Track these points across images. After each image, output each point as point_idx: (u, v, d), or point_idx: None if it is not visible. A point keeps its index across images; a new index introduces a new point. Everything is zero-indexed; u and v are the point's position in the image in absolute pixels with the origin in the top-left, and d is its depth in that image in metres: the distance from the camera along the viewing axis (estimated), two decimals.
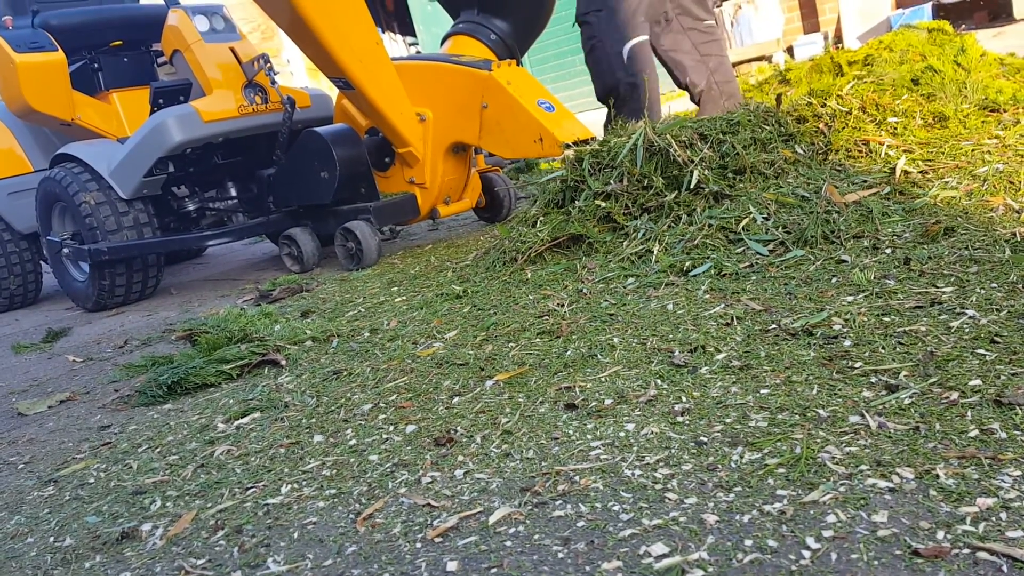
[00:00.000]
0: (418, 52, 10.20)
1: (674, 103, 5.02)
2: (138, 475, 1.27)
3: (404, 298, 2.11)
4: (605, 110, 2.78)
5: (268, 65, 2.91)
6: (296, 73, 9.77)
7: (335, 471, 1.14)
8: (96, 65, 3.28)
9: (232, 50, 2.96)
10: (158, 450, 1.37)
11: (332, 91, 3.01)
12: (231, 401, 1.55)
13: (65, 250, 2.96)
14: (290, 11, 2.43)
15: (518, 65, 2.82)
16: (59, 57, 3.05)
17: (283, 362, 1.71)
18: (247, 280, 3.08)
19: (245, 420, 1.42)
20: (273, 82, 2.97)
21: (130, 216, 2.87)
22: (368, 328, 1.86)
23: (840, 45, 6.19)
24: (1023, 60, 2.98)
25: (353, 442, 1.23)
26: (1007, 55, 3.04)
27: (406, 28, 10.32)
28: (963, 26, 3.90)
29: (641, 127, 1.89)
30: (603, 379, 1.25)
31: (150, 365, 1.88)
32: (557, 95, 2.86)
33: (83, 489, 1.26)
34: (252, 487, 1.14)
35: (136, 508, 1.15)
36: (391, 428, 1.25)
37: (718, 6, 2.89)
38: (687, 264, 1.63)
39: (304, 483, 1.13)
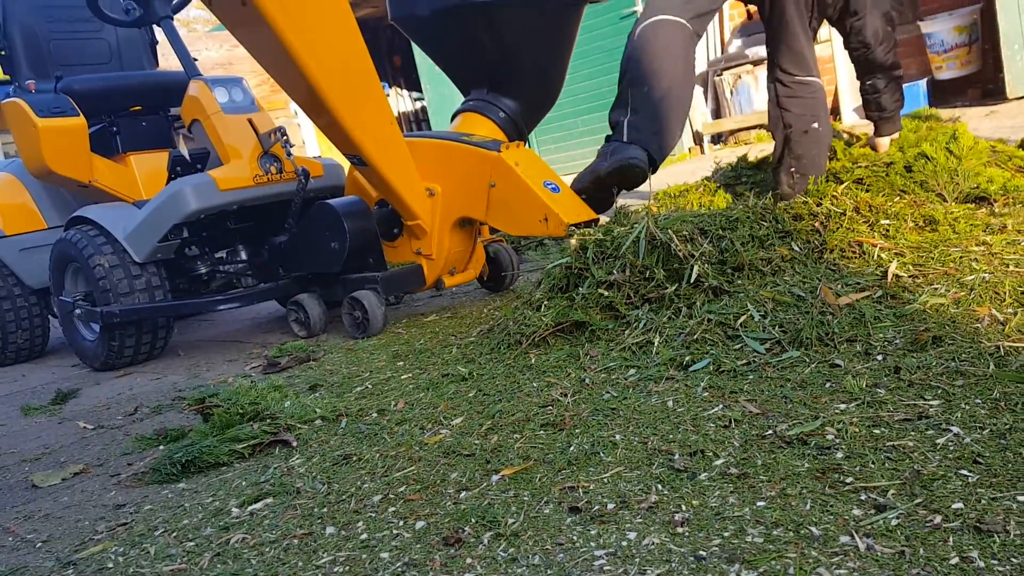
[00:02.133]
0: (423, 108, 10.42)
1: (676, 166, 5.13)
2: (156, 561, 1.31)
3: (410, 375, 2.17)
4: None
5: (284, 137, 3.02)
6: (303, 125, 9.96)
7: (348, 568, 1.19)
8: (115, 128, 3.38)
9: (250, 121, 3.07)
10: (174, 534, 1.41)
11: (343, 159, 3.11)
12: (244, 483, 1.60)
13: (77, 311, 3.03)
14: (307, 90, 2.53)
15: (525, 143, 2.93)
16: (80, 122, 3.16)
17: (294, 443, 1.77)
18: (254, 344, 3.14)
19: (258, 506, 1.47)
20: (288, 153, 3.07)
21: (143, 279, 2.95)
22: (376, 408, 1.92)
23: (837, 117, 6.36)
24: (1014, 148, 3.10)
25: (364, 536, 1.28)
26: (998, 141, 3.15)
27: (412, 84, 10.56)
28: (957, 116, 4.03)
29: (644, 220, 1.97)
30: (606, 480, 1.30)
31: (163, 440, 1.93)
32: (556, 156, 2.96)
33: (102, 574, 1.31)
34: None
35: None
36: (401, 523, 1.30)
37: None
38: (687, 358, 1.70)
39: None
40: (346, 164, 3.15)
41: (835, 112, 6.49)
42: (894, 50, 2.89)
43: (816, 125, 2.84)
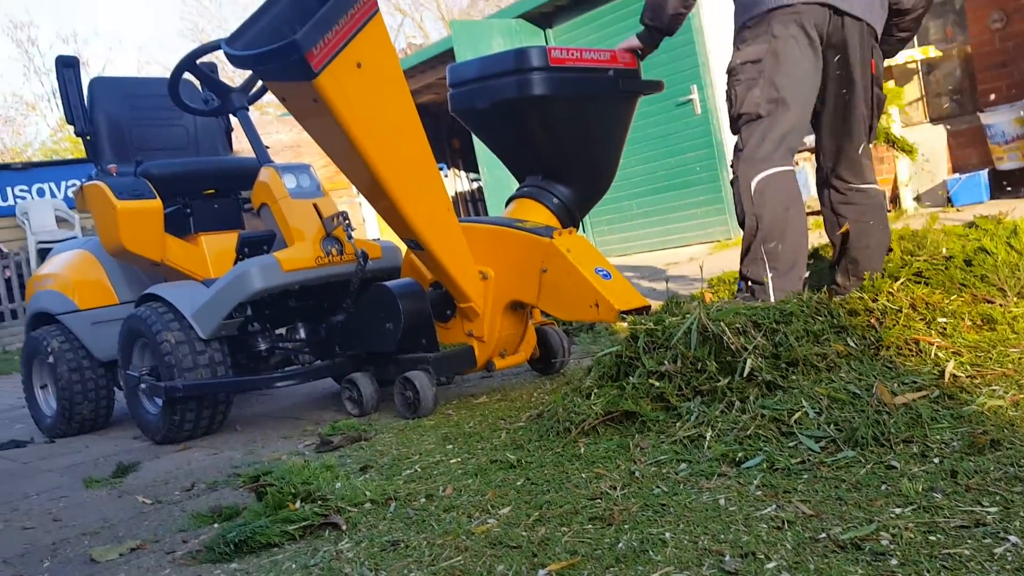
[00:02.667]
0: (480, 188, 10.66)
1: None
2: None
3: (459, 459, 2.18)
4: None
5: (347, 222, 3.14)
6: (363, 205, 10.26)
7: None
8: (188, 210, 3.55)
9: (315, 206, 3.20)
10: None
11: (400, 241, 3.20)
12: (294, 566, 1.62)
13: (142, 385, 3.14)
14: (369, 178, 2.64)
15: (578, 228, 2.99)
16: (156, 204, 3.33)
17: (343, 526, 1.79)
18: (308, 421, 3.19)
19: None
20: (349, 236, 3.18)
21: (206, 355, 3.04)
22: (424, 493, 1.93)
23: (898, 205, 6.32)
24: None
25: None
26: None
27: (470, 166, 10.86)
28: (1014, 208, 3.98)
29: (696, 311, 1.99)
30: None
31: (217, 518, 1.97)
32: (609, 238, 2.99)
33: None
34: None
35: None
36: None
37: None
38: (739, 454, 1.69)
39: None
40: (403, 246, 3.25)
41: (895, 200, 6.45)
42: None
43: (874, 229, 2.81)
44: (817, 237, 3.41)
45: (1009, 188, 5.91)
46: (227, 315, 3.06)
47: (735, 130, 2.69)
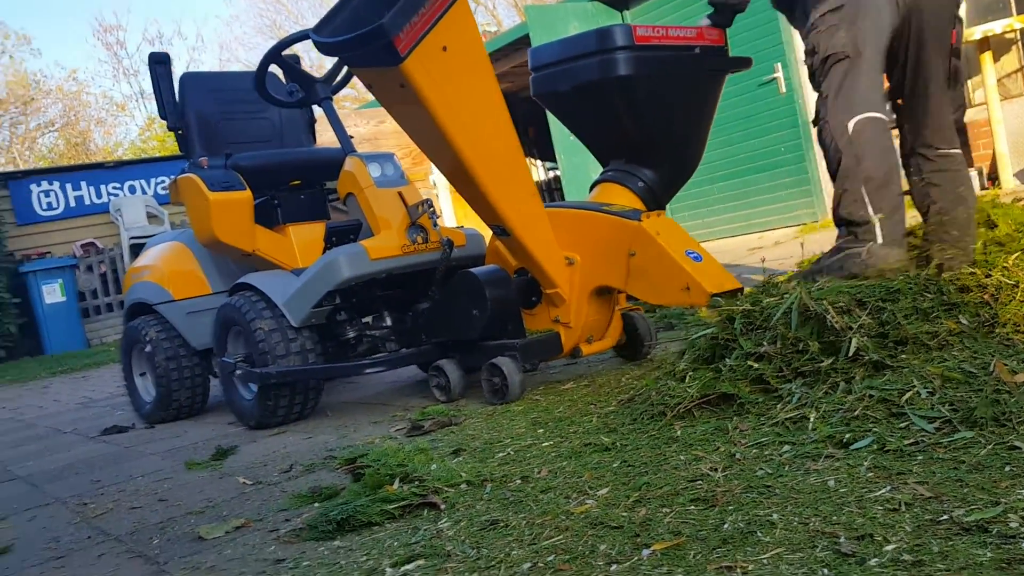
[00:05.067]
0: (557, 177, 10.62)
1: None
2: None
3: (551, 443, 2.17)
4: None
5: (431, 209, 3.16)
6: (441, 195, 10.36)
7: None
8: (276, 201, 3.63)
9: (400, 194, 3.23)
10: None
11: (482, 228, 3.20)
12: (395, 543, 1.64)
13: (237, 371, 3.23)
14: (456, 165, 2.65)
15: (664, 212, 2.94)
16: (247, 195, 3.42)
17: (442, 506, 1.80)
18: (397, 407, 3.23)
19: (411, 567, 1.50)
20: (435, 224, 3.21)
21: (297, 343, 3.11)
22: (519, 475, 1.93)
23: (996, 182, 6.01)
24: None
25: None
26: None
27: (547, 154, 10.82)
28: None
29: (797, 290, 1.92)
30: (765, 561, 1.25)
31: (317, 498, 2.01)
32: (690, 224, 2.93)
33: None
34: None
35: None
36: None
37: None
38: (847, 436, 1.62)
39: None
40: (487, 233, 3.26)
41: (994, 178, 6.14)
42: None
43: (966, 197, 2.69)
44: (909, 218, 3.27)
45: None
46: (316, 303, 3.12)
47: (820, 78, 2.57)
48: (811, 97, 6.99)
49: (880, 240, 2.38)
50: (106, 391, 5.97)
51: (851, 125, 2.45)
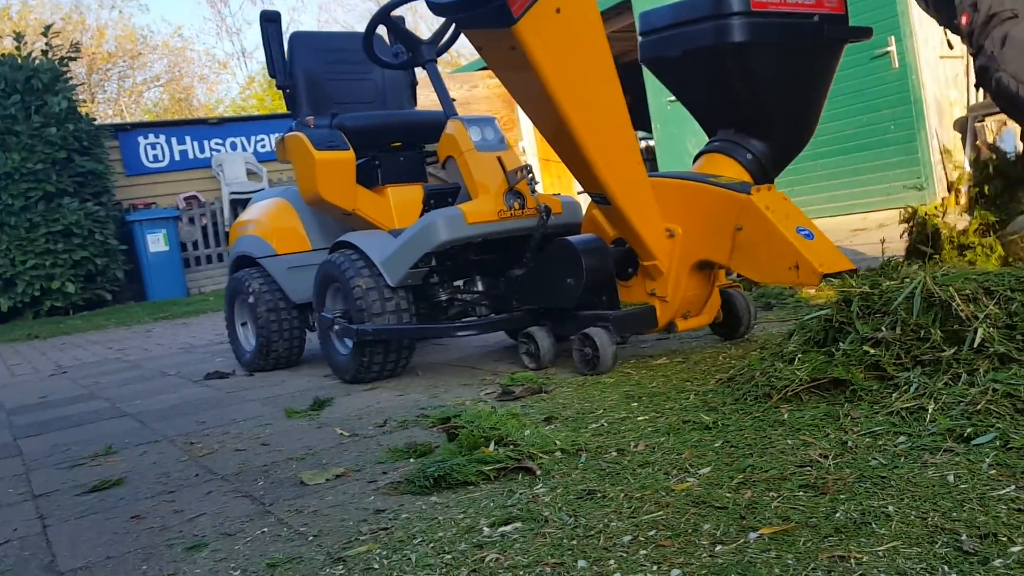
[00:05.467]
0: (648, 147, 10.44)
1: None
2: (417, 569, 1.38)
3: (647, 417, 2.14)
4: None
5: (530, 175, 3.14)
6: (528, 157, 10.33)
7: None
8: (376, 162, 3.67)
9: (499, 159, 3.22)
10: (431, 545, 1.48)
11: (579, 197, 3.17)
12: (491, 504, 1.65)
13: (335, 327, 3.31)
14: (560, 129, 2.61)
15: (772, 186, 2.84)
16: (350, 155, 3.47)
17: (537, 471, 1.80)
18: (485, 370, 3.26)
19: (508, 528, 1.51)
20: (533, 190, 3.19)
21: (393, 302, 3.16)
22: (614, 447, 1.91)
23: None
24: None
25: (618, 575, 1.27)
26: None
27: (641, 124, 10.63)
28: None
29: (921, 275, 1.83)
30: (881, 554, 1.20)
31: (413, 453, 2.04)
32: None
33: (369, 573, 1.39)
34: None
35: None
36: (655, 568, 1.27)
37: None
38: (968, 430, 1.54)
39: None
40: (582, 201, 3.22)
41: None
42: None
43: None
44: None
45: None
46: (414, 264, 3.15)
47: (980, 36, 2.46)
48: (926, 73, 6.65)
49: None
50: (206, 338, 6.22)
51: None
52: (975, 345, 1.70)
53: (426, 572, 1.37)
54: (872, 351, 1.81)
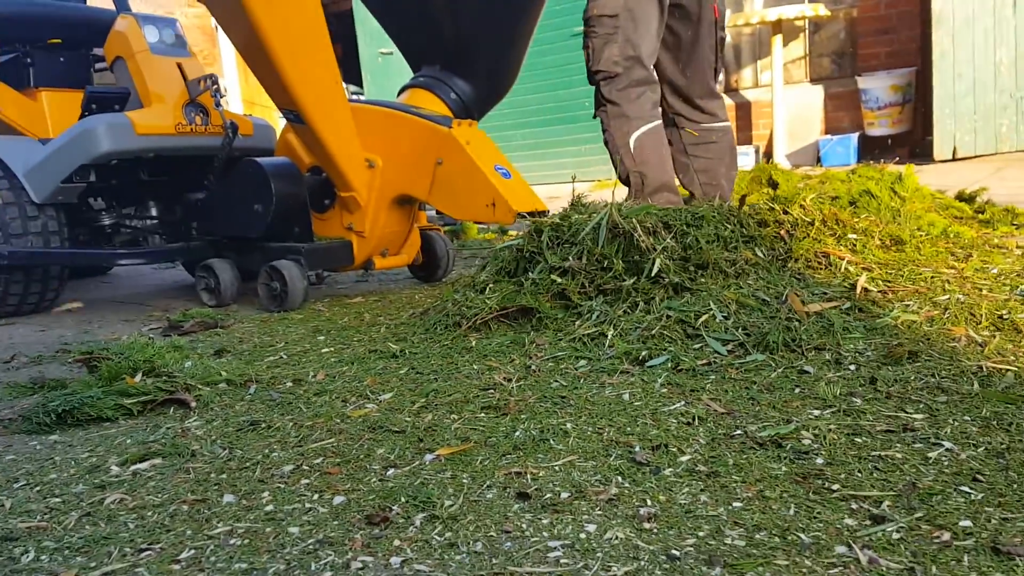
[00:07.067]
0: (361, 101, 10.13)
1: None
2: (10, 516, 1.08)
3: (332, 349, 1.97)
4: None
5: (215, 87, 2.77)
6: (232, 103, 9.55)
7: (247, 541, 0.99)
8: (28, 60, 3.06)
9: (179, 66, 2.81)
10: (37, 488, 1.18)
11: (276, 124, 2.89)
12: (129, 441, 1.38)
13: None
14: (248, 29, 2.31)
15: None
16: None
17: (192, 403, 1.54)
18: (155, 307, 2.86)
19: (143, 465, 1.25)
20: (217, 104, 2.82)
21: (39, 222, 2.65)
22: (291, 377, 1.71)
23: (770, 160, 6.45)
24: (951, 198, 3.13)
25: (270, 508, 1.08)
26: (936, 191, 3.18)
27: (352, 77, 10.29)
28: (896, 159, 4.11)
29: (606, 207, 1.84)
30: (558, 468, 1.14)
31: (39, 389, 1.67)
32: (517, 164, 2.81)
33: None
34: (147, 549, 0.98)
35: (3, 558, 0.97)
36: (315, 496, 1.11)
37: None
38: (643, 353, 1.57)
39: (209, 551, 0.97)
40: (279, 128, 2.93)
41: (768, 155, 6.59)
42: None
43: (727, 168, 2.86)
44: None
45: (877, 153, 6.14)
46: (66, 178, 2.66)
47: (592, 83, 2.62)
48: None
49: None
50: None
51: (632, 141, 2.53)
52: (652, 275, 1.74)
53: (22, 519, 1.07)
54: (559, 280, 1.80)
